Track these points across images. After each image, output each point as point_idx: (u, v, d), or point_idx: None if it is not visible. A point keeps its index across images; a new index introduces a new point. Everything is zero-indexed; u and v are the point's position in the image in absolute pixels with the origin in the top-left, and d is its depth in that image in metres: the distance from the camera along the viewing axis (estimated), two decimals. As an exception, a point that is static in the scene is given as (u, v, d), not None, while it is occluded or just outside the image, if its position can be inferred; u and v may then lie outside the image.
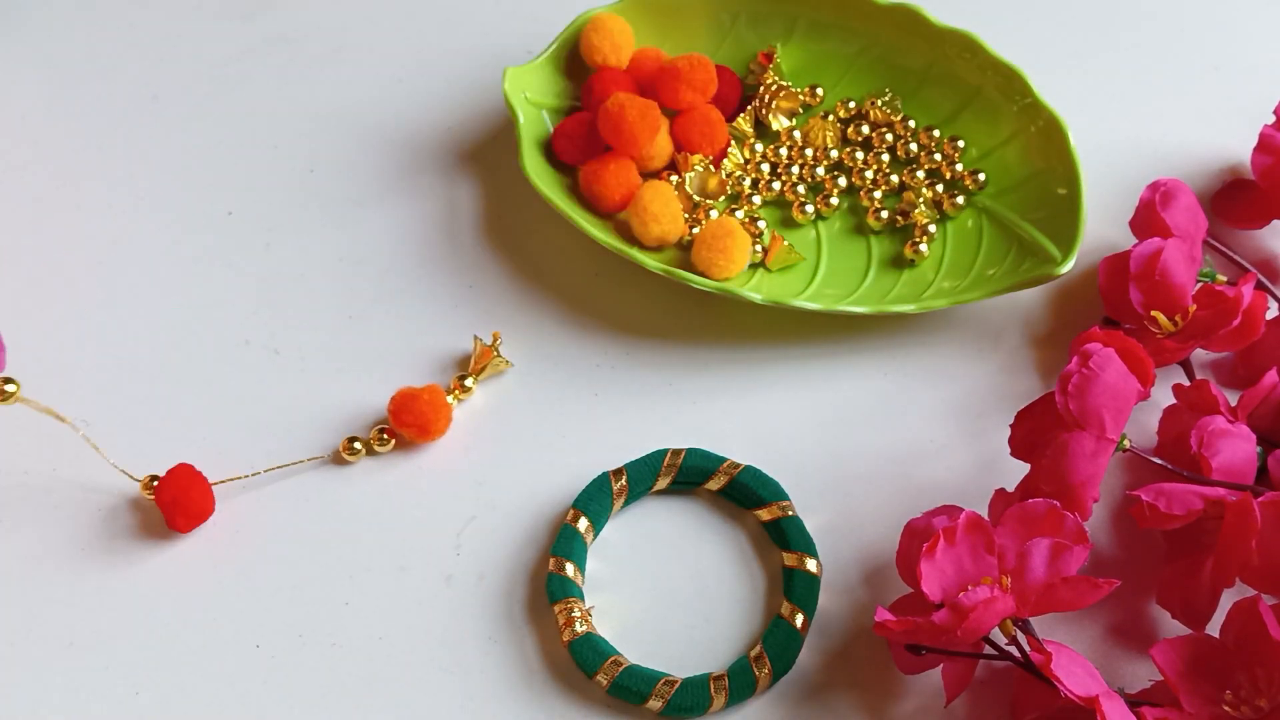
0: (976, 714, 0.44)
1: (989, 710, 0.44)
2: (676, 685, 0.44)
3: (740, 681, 0.44)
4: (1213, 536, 0.43)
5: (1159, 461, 0.45)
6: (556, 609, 0.46)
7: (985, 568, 0.41)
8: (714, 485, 0.48)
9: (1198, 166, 0.56)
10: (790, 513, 0.47)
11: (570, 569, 0.46)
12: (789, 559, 0.47)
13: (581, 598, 0.46)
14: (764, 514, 0.48)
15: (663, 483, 0.48)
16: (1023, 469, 0.46)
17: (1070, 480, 0.43)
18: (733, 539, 0.48)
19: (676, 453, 0.48)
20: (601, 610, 0.47)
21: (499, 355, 0.51)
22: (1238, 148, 0.56)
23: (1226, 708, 0.40)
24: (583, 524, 0.47)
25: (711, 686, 0.44)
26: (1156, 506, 0.42)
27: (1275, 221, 0.53)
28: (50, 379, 0.52)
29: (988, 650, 0.42)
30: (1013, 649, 0.42)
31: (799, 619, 0.45)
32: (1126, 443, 0.44)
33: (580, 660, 0.45)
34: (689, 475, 0.48)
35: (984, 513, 0.44)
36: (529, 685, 0.46)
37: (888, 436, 0.50)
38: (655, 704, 0.44)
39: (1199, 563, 0.43)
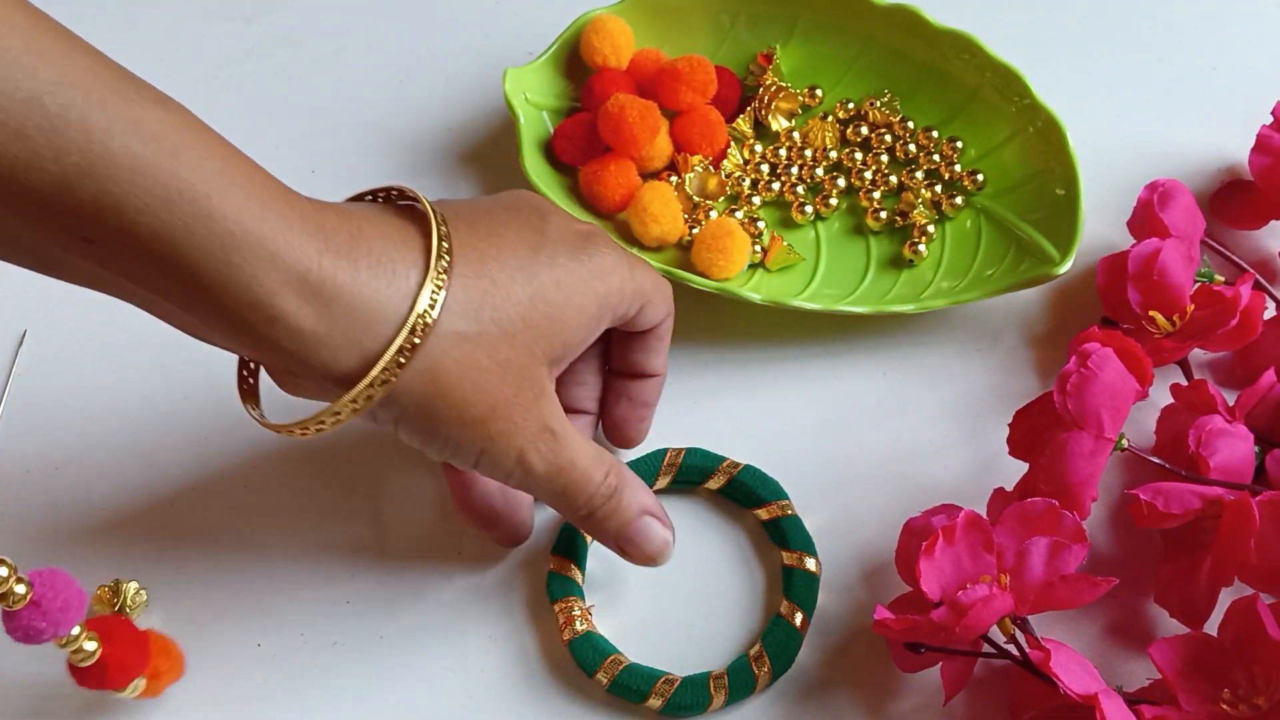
0: (975, 712, 0.44)
1: (988, 708, 0.44)
2: (676, 684, 0.44)
3: (740, 680, 0.44)
4: (1211, 535, 0.43)
5: (1157, 461, 0.45)
6: (557, 608, 0.46)
7: (984, 566, 0.42)
8: (714, 484, 0.48)
9: (1196, 167, 0.56)
10: (790, 512, 0.47)
11: (571, 568, 0.46)
12: (788, 558, 0.47)
13: (582, 596, 0.46)
14: (763, 513, 0.48)
15: (663, 482, 0.48)
16: (1021, 468, 0.46)
17: (1069, 479, 0.43)
18: (732, 538, 0.48)
19: (677, 452, 0.48)
20: (602, 608, 0.47)
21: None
22: (1236, 148, 0.56)
23: (1224, 706, 0.40)
24: None
25: (711, 685, 0.44)
26: (1155, 505, 0.42)
27: (1273, 222, 0.53)
28: (53, 379, 0.52)
29: (986, 648, 0.42)
30: (1011, 647, 0.42)
31: (798, 617, 0.45)
32: (1125, 442, 0.44)
33: (580, 659, 0.45)
34: (689, 474, 0.48)
35: (983, 512, 0.44)
36: (529, 684, 0.46)
37: (887, 436, 0.50)
38: (655, 702, 0.44)
39: (1197, 562, 0.43)
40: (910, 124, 0.56)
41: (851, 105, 0.57)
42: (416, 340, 0.36)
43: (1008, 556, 0.42)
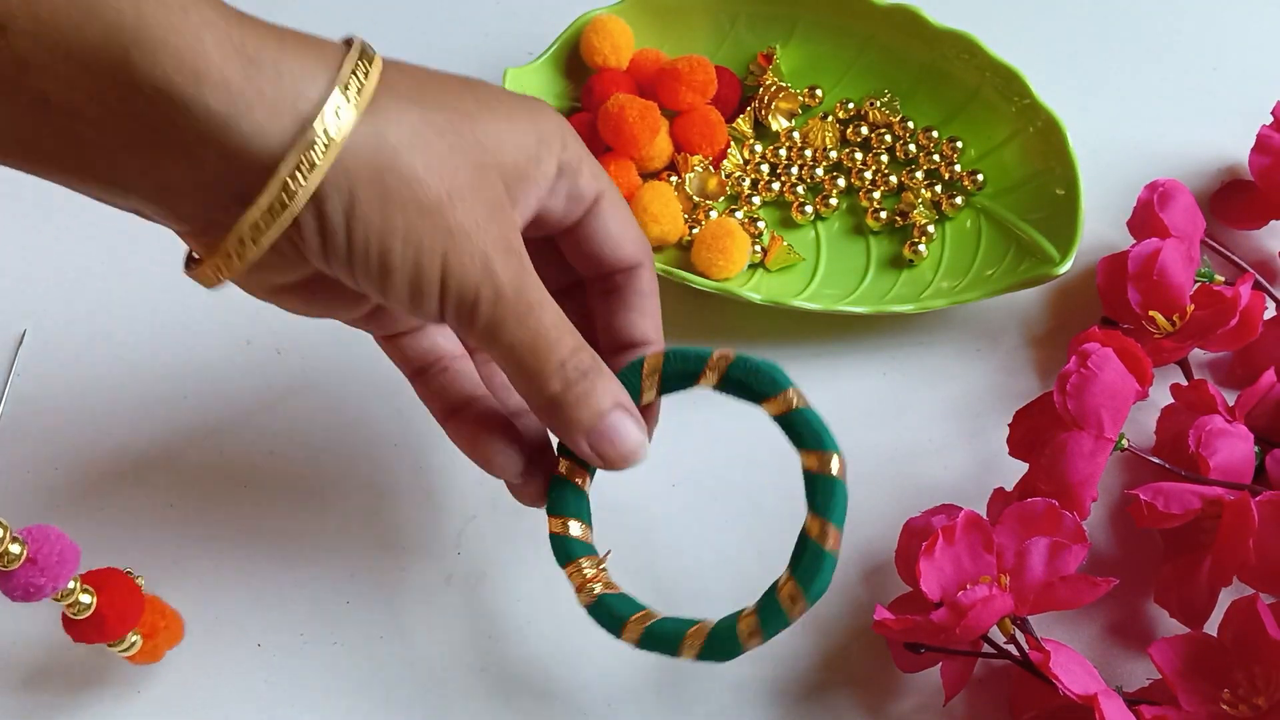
0: (975, 712, 0.44)
1: (988, 708, 0.44)
2: (705, 635, 0.39)
3: (771, 621, 0.38)
4: (1210, 535, 0.43)
5: (1157, 461, 0.45)
6: (568, 571, 0.41)
7: (984, 566, 0.42)
8: (708, 384, 0.42)
9: (1196, 167, 0.56)
10: (798, 404, 0.39)
11: (575, 527, 0.42)
12: (807, 460, 0.39)
13: (593, 552, 0.42)
14: (770, 408, 0.40)
15: (649, 395, 0.42)
16: (1021, 468, 0.46)
17: (1069, 479, 0.43)
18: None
19: (655, 356, 0.42)
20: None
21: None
22: (1235, 148, 0.56)
23: (1224, 706, 0.40)
24: (570, 468, 0.42)
25: (742, 630, 0.39)
26: (1154, 505, 0.42)
27: (1273, 222, 0.53)
28: (53, 378, 0.52)
29: (986, 648, 0.42)
30: (1011, 647, 0.42)
31: (829, 535, 0.38)
32: (1125, 442, 0.44)
33: (602, 625, 0.41)
34: (675, 381, 0.42)
35: (983, 512, 0.44)
36: (530, 681, 0.46)
37: (887, 436, 0.50)
38: (688, 655, 0.39)
39: (1197, 562, 0.43)
40: (910, 124, 0.56)
41: (851, 105, 0.57)
42: (356, 96, 0.34)
43: (1008, 557, 0.42)
